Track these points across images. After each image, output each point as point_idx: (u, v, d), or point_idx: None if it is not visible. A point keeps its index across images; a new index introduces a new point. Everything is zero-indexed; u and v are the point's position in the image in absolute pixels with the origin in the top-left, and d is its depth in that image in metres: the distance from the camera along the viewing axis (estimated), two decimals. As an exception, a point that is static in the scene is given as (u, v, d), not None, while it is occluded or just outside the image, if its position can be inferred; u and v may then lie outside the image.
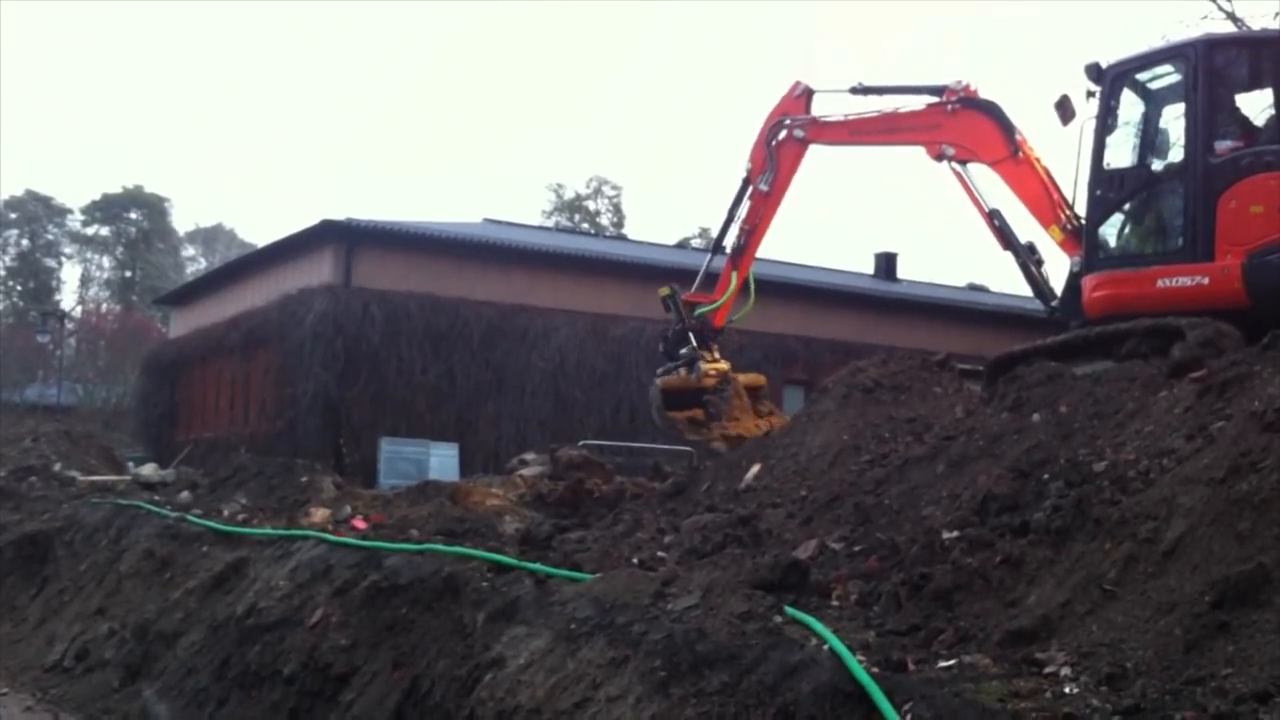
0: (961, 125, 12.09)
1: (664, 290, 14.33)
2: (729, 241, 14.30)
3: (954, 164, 12.15)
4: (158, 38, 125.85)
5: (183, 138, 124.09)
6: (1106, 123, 10.62)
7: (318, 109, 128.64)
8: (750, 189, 13.92)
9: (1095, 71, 10.70)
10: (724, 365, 14.13)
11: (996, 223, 11.96)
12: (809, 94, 13.68)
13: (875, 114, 12.99)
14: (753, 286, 14.24)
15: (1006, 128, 11.80)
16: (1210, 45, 10.29)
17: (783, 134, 13.67)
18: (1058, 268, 11.49)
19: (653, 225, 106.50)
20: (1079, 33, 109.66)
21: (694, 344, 13.99)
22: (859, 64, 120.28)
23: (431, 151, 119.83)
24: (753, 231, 14.02)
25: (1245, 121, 10.36)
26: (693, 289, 14.45)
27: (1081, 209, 10.89)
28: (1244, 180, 9.55)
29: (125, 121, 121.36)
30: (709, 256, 14.80)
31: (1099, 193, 10.60)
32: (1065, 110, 10.84)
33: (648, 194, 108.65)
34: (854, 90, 13.12)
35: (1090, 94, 10.70)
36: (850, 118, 13.29)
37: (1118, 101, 10.69)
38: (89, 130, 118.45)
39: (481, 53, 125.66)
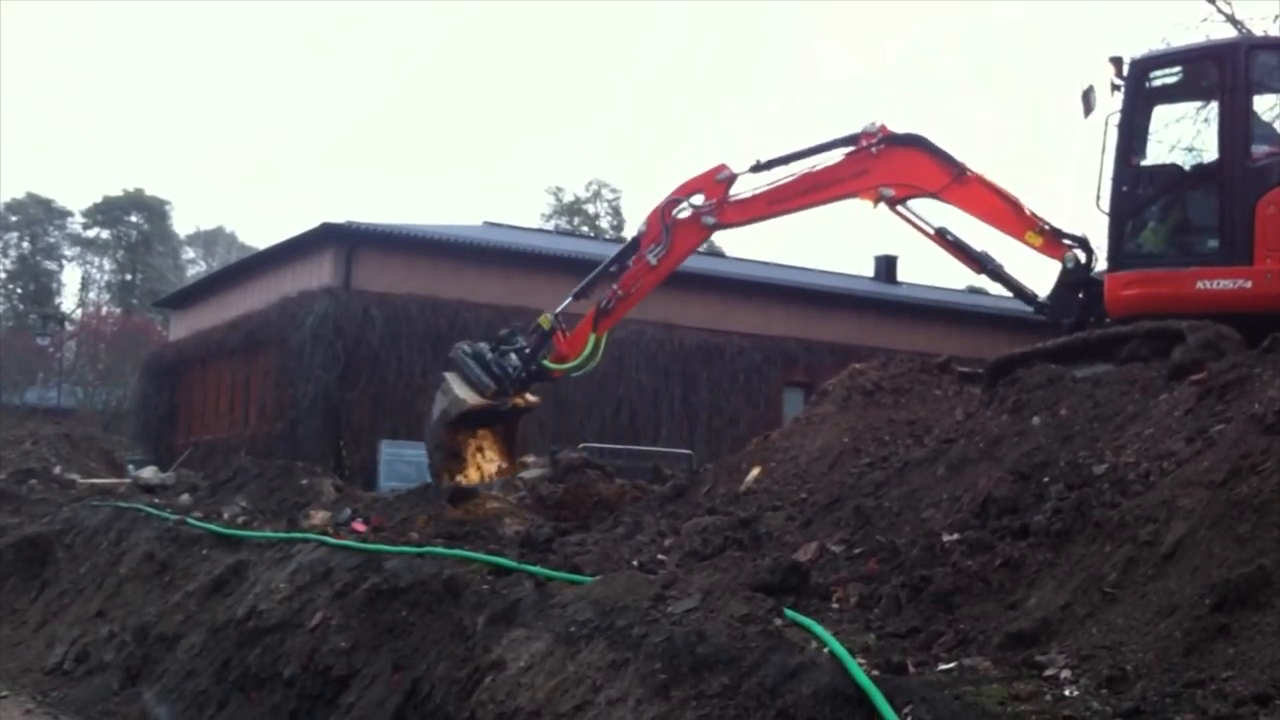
0: (892, 163, 11.68)
1: (545, 321, 13.42)
2: (596, 295, 13.20)
3: (897, 207, 11.75)
4: (158, 40, 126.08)
5: (183, 141, 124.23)
6: (1133, 118, 10.34)
7: (318, 112, 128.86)
8: (637, 253, 12.99)
9: (1120, 64, 10.41)
10: (534, 400, 13.59)
11: (950, 239, 11.69)
12: (731, 179, 12.54)
13: (791, 178, 12.25)
14: (603, 346, 13.23)
15: (940, 155, 11.54)
16: (1251, 47, 10.23)
17: (685, 214, 12.73)
18: (1029, 267, 11.42)
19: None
20: (1079, 34, 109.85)
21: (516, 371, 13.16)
22: (859, 64, 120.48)
23: (431, 154, 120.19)
24: (626, 299, 13.00)
25: (1265, 126, 10.32)
26: (558, 309, 13.55)
27: (1105, 204, 10.67)
28: None
29: (126, 124, 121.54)
30: (569, 298, 13.74)
31: (1125, 189, 10.30)
32: (1088, 102, 10.56)
33: (647, 197, 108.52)
34: (755, 168, 12.32)
35: (1115, 87, 10.40)
36: (762, 189, 12.48)
37: (1144, 97, 10.42)
38: (90, 133, 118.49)
39: (480, 56, 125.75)
